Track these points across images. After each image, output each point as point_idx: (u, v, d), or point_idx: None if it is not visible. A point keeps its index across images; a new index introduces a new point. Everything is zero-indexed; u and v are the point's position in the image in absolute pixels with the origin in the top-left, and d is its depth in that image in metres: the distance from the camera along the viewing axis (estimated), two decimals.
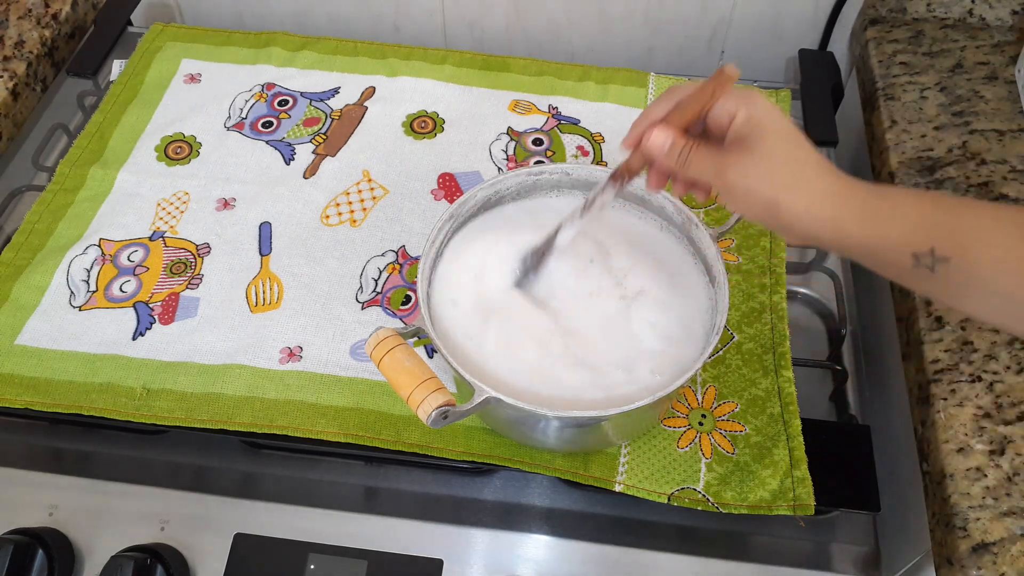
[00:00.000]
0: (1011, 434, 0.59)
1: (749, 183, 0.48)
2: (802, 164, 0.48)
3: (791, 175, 0.47)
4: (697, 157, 0.50)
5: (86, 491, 0.64)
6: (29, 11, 0.91)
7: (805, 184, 0.47)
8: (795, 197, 0.47)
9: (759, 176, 0.48)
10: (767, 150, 0.48)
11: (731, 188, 0.49)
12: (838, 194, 0.47)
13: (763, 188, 0.47)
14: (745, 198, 0.48)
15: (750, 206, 0.49)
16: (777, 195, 0.47)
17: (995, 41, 0.85)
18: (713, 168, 0.49)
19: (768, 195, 0.47)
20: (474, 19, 1.00)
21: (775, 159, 0.48)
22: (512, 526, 0.63)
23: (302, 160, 0.82)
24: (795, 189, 0.47)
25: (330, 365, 0.67)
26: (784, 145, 0.48)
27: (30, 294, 0.72)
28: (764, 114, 0.49)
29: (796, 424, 0.63)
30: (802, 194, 0.47)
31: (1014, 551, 0.54)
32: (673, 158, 0.50)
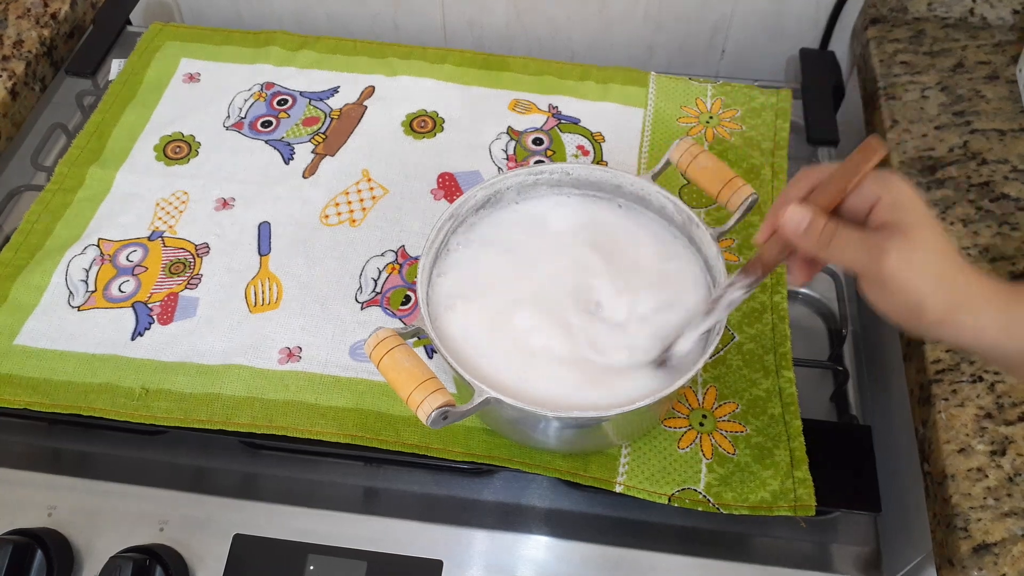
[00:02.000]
0: (1012, 434, 0.59)
1: (906, 277, 0.43)
2: (950, 261, 0.44)
3: (941, 274, 0.43)
4: (842, 239, 0.44)
5: (85, 492, 0.64)
6: (28, 10, 0.91)
7: (951, 285, 0.43)
8: (940, 299, 0.43)
9: (916, 270, 0.43)
10: (920, 241, 0.43)
11: (885, 277, 0.43)
12: (981, 298, 0.43)
13: (916, 284, 0.43)
14: (899, 293, 0.43)
15: (898, 303, 0.44)
16: (925, 295, 0.43)
17: (996, 41, 0.85)
18: (865, 252, 0.44)
19: (918, 294, 0.43)
20: (474, 18, 1.00)
21: (928, 253, 0.43)
22: (512, 527, 0.62)
23: (301, 160, 0.81)
24: (941, 290, 0.43)
25: (329, 365, 0.67)
26: (933, 237, 0.43)
27: (29, 294, 0.71)
28: (911, 200, 0.44)
29: (797, 424, 0.63)
30: (947, 297, 0.43)
31: (1015, 552, 0.54)
32: (813, 238, 0.45)
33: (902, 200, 0.44)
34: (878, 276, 0.43)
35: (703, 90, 0.87)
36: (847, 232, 0.44)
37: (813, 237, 0.45)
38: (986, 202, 0.72)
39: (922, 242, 0.43)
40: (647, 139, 0.83)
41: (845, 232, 0.44)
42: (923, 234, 0.43)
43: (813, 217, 0.45)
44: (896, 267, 0.43)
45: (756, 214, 0.76)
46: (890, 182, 0.45)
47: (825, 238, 0.45)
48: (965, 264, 0.44)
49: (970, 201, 0.72)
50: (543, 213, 0.65)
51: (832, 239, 0.45)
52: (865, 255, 0.44)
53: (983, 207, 0.71)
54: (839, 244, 0.44)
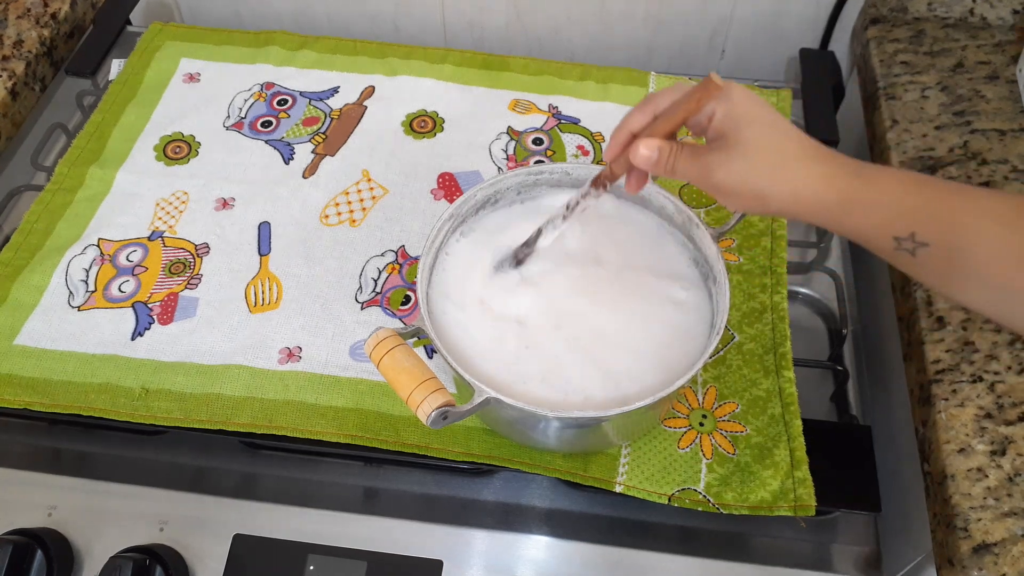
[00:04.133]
0: (1012, 434, 0.59)
1: (734, 179, 0.48)
2: (783, 151, 0.48)
3: (773, 164, 0.48)
4: (683, 162, 0.50)
5: (85, 491, 0.64)
6: (28, 10, 0.91)
7: (788, 171, 0.48)
8: (779, 185, 0.48)
9: (743, 170, 0.48)
10: (748, 142, 0.48)
11: (719, 187, 0.49)
12: (822, 177, 0.47)
13: (748, 181, 0.48)
14: (734, 195, 0.49)
15: (740, 201, 0.50)
16: (762, 186, 0.48)
17: (996, 40, 0.85)
18: (699, 171, 0.50)
19: (754, 187, 0.48)
20: (474, 18, 1.00)
21: (756, 150, 0.48)
22: (512, 527, 0.62)
23: (301, 160, 0.81)
24: (779, 177, 0.48)
25: (329, 365, 0.67)
26: (764, 134, 0.48)
27: (29, 294, 0.71)
28: (741, 106, 0.49)
29: (797, 424, 0.63)
30: (786, 181, 0.48)
31: (1015, 552, 0.54)
32: (661, 166, 0.51)
33: (732, 110, 0.49)
34: (712, 188, 0.50)
35: None
36: (683, 157, 0.50)
37: (661, 165, 0.51)
38: None
39: (747, 148, 0.48)
40: None
41: (682, 157, 0.50)
42: (748, 139, 0.48)
43: (660, 149, 0.51)
44: (721, 178, 0.49)
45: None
46: (725, 94, 0.49)
47: (669, 165, 0.51)
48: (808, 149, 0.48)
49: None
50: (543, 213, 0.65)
51: (675, 163, 0.50)
52: (699, 175, 0.50)
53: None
54: (679, 167, 0.50)
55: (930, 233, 0.45)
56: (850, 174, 0.47)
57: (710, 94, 0.49)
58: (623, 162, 0.53)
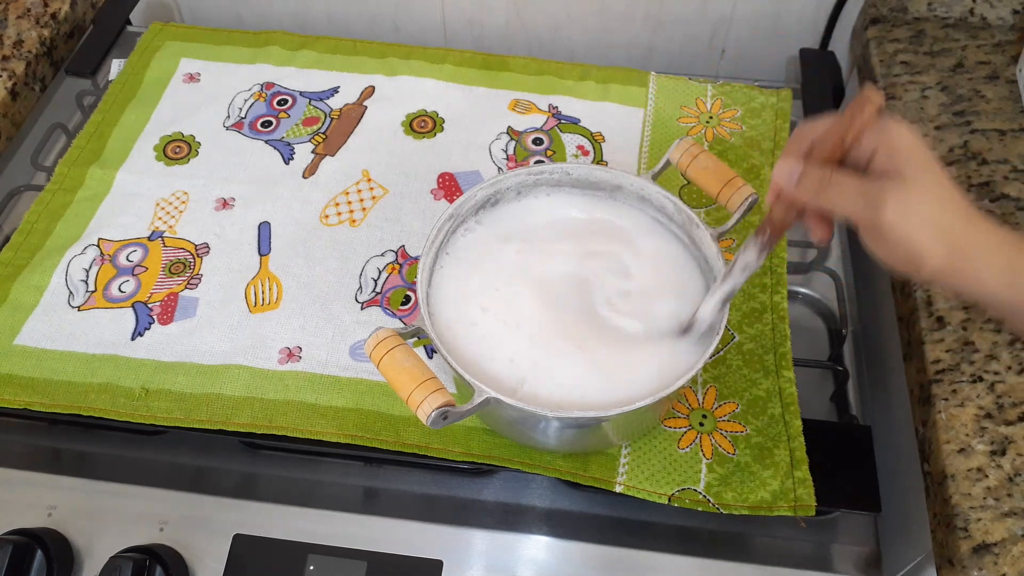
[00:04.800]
0: (1012, 434, 0.59)
1: (904, 228, 0.42)
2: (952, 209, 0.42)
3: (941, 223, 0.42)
4: (838, 188, 0.43)
5: (85, 492, 0.64)
6: (28, 10, 0.91)
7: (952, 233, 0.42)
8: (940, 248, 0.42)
9: (915, 220, 0.41)
10: (920, 189, 0.42)
11: (882, 226, 0.42)
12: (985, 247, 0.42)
13: (914, 234, 0.41)
14: (897, 244, 0.42)
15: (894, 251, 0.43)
16: (924, 245, 0.42)
17: (996, 40, 0.85)
18: (863, 201, 0.43)
19: (917, 245, 0.42)
20: (474, 18, 1.00)
21: (928, 203, 0.42)
22: (512, 527, 0.62)
23: (301, 160, 0.81)
24: (942, 239, 0.42)
25: (329, 365, 0.67)
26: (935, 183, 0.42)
27: (29, 294, 0.71)
28: (911, 146, 0.43)
29: (797, 424, 0.63)
30: (949, 245, 0.42)
31: (1015, 552, 0.54)
32: (807, 189, 0.44)
33: (901, 146, 0.43)
34: (876, 226, 0.42)
35: (703, 90, 0.87)
36: (842, 180, 0.44)
37: (807, 187, 0.44)
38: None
39: (920, 190, 0.42)
40: (647, 139, 0.83)
41: (840, 180, 0.44)
42: (922, 182, 0.42)
43: (804, 167, 0.44)
44: (893, 217, 0.42)
45: (756, 214, 0.75)
46: (888, 129, 0.44)
47: (821, 186, 0.44)
48: (969, 210, 0.43)
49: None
50: (543, 213, 0.65)
51: (827, 187, 0.44)
52: (862, 204, 0.43)
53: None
54: (835, 192, 0.44)
55: None
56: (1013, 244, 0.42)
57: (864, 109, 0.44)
58: (781, 204, 0.47)
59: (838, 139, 0.44)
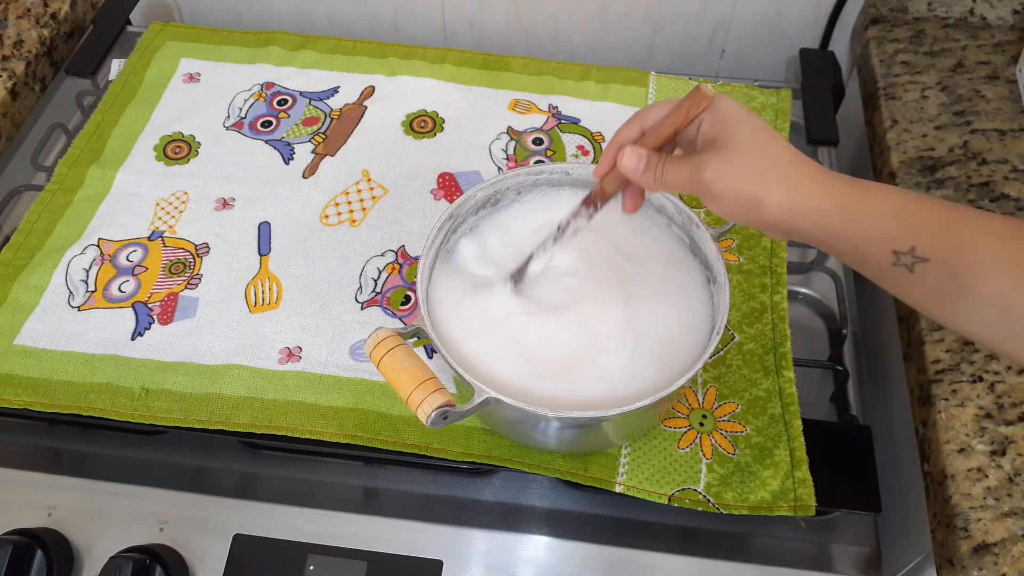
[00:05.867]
0: (1012, 434, 0.59)
1: (726, 183, 0.46)
2: (776, 157, 0.47)
3: (767, 169, 0.46)
4: (672, 169, 0.49)
5: (85, 492, 0.64)
6: (28, 10, 0.91)
7: (783, 176, 0.46)
8: (774, 191, 0.46)
9: (735, 174, 0.46)
10: (739, 146, 0.47)
11: (709, 189, 0.47)
12: (818, 184, 0.46)
13: (741, 185, 0.46)
14: (725, 198, 0.47)
15: (731, 206, 0.47)
16: (755, 191, 0.46)
17: (996, 40, 0.85)
18: (688, 175, 0.48)
19: (747, 191, 0.46)
20: (474, 18, 1.00)
21: (749, 154, 0.47)
22: (512, 527, 0.62)
23: (301, 160, 0.81)
24: (773, 182, 0.46)
25: (329, 365, 0.67)
26: (756, 139, 0.47)
27: (29, 294, 0.71)
28: (730, 112, 0.48)
29: (797, 424, 0.63)
30: (782, 187, 0.46)
31: (1015, 552, 0.54)
32: (649, 176, 0.50)
33: (720, 117, 0.48)
34: (704, 191, 0.47)
35: None
36: (672, 162, 0.49)
37: (649, 175, 0.50)
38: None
39: (737, 149, 0.46)
40: None
41: (671, 163, 0.49)
42: (738, 141, 0.47)
43: (648, 157, 0.49)
44: (713, 178, 0.47)
45: None
46: (713, 104, 0.48)
47: (658, 174, 0.49)
48: (798, 157, 0.47)
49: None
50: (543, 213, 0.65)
51: (663, 172, 0.49)
52: (688, 177, 0.48)
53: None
54: (668, 174, 0.49)
55: (931, 248, 0.43)
56: (847, 183, 0.46)
57: (699, 104, 0.48)
58: (614, 178, 0.52)
59: (671, 129, 0.49)
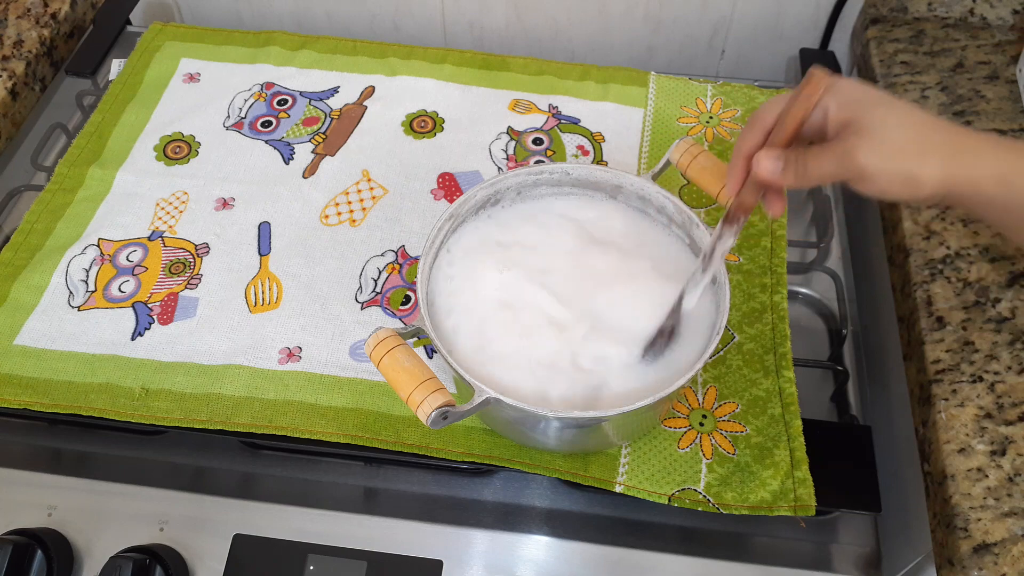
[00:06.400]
0: (1012, 434, 0.59)
1: (882, 163, 0.45)
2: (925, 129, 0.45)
3: (920, 144, 0.45)
4: (815, 162, 0.47)
5: (85, 491, 0.64)
6: (28, 10, 0.91)
7: (936, 149, 0.45)
8: (930, 165, 0.45)
9: (889, 153, 0.45)
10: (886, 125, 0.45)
11: (863, 173, 0.45)
12: (972, 152, 0.45)
13: (897, 164, 0.45)
14: (880, 179, 0.45)
15: (887, 186, 0.46)
16: (911, 168, 0.45)
17: (996, 40, 0.85)
18: (837, 163, 0.46)
19: (904, 170, 0.45)
20: (474, 18, 1.00)
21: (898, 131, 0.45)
22: (512, 527, 0.62)
23: (301, 160, 0.81)
24: (928, 157, 0.45)
25: (329, 365, 0.67)
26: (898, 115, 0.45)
27: (29, 294, 0.71)
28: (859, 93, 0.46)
29: (797, 424, 0.63)
30: (937, 161, 0.45)
31: (1015, 552, 0.54)
32: (791, 173, 0.47)
33: (848, 98, 0.46)
34: (859, 175, 0.46)
35: (703, 90, 0.87)
36: (814, 154, 0.47)
37: (791, 174, 0.47)
38: None
39: (882, 125, 0.45)
40: (647, 139, 0.83)
41: (812, 156, 0.47)
42: (880, 117, 0.45)
43: (785, 156, 0.47)
44: (868, 160, 0.45)
45: (756, 214, 0.76)
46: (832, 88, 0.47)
47: (800, 170, 0.47)
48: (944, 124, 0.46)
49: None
50: (543, 213, 0.65)
51: (806, 167, 0.47)
52: (837, 164, 0.46)
53: None
54: (812, 168, 0.47)
55: None
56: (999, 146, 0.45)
57: (817, 89, 0.46)
58: (750, 188, 0.50)
59: (795, 122, 0.47)
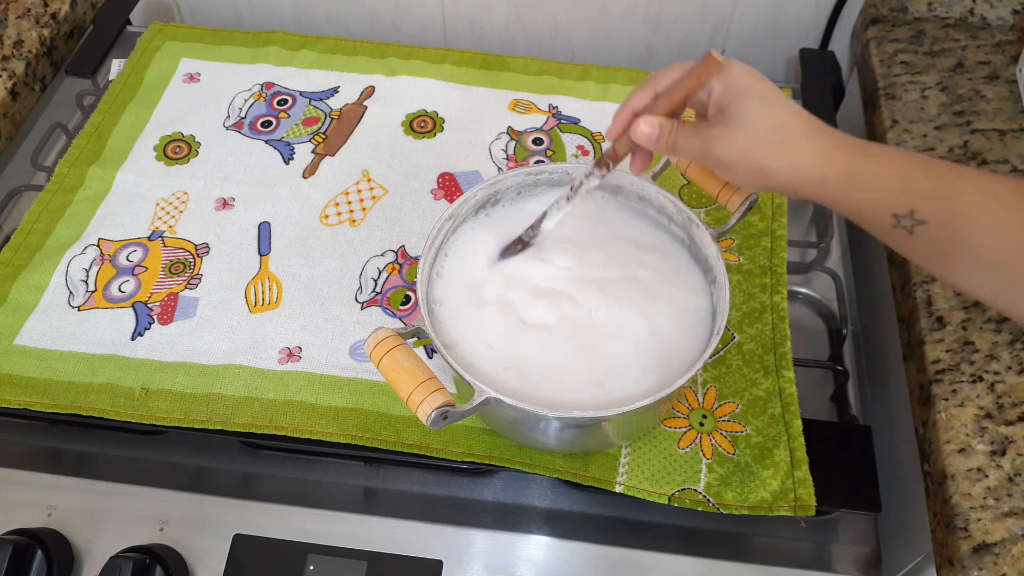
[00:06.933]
0: (1012, 434, 0.59)
1: (736, 152, 0.49)
2: (784, 125, 0.48)
3: (775, 138, 0.48)
4: (684, 138, 0.51)
5: (85, 492, 0.64)
6: (28, 10, 0.91)
7: (790, 146, 0.48)
8: (781, 160, 0.48)
9: (744, 144, 0.48)
10: (747, 116, 0.48)
11: (720, 160, 0.49)
12: (824, 152, 0.47)
13: (749, 155, 0.48)
14: (734, 168, 0.49)
15: (740, 175, 0.50)
16: (763, 160, 0.48)
17: (996, 40, 0.85)
18: (700, 145, 0.50)
19: (755, 161, 0.48)
20: (474, 18, 1.00)
21: (758, 124, 0.48)
22: (512, 527, 0.62)
23: (301, 160, 0.81)
24: (780, 152, 0.48)
25: (329, 365, 0.67)
26: (765, 109, 0.49)
27: (29, 294, 0.71)
28: (741, 81, 0.49)
29: (797, 424, 0.63)
30: (788, 156, 0.48)
31: (1015, 552, 0.54)
32: (662, 143, 0.51)
33: (730, 87, 0.49)
34: (715, 161, 0.50)
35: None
36: (684, 132, 0.51)
37: (662, 142, 0.52)
38: None
39: (745, 122, 0.48)
40: None
41: (683, 132, 0.51)
42: (746, 114, 0.48)
43: (661, 126, 0.51)
44: (722, 150, 0.49)
45: (756, 214, 0.76)
46: (723, 72, 0.50)
47: (671, 142, 0.51)
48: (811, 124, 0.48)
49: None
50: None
51: (675, 140, 0.51)
52: (698, 148, 0.50)
53: None
54: (680, 143, 0.51)
55: (929, 211, 0.45)
56: (852, 149, 0.47)
57: (710, 71, 0.49)
58: (626, 142, 0.54)
59: (682, 96, 0.51)
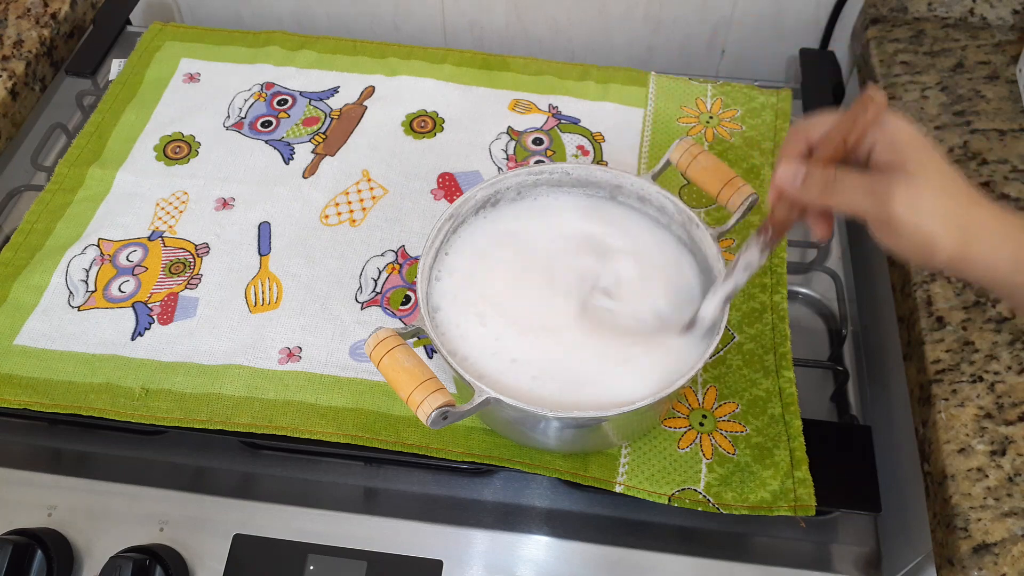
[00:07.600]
0: (1012, 434, 0.59)
1: (914, 217, 0.42)
2: (958, 196, 0.43)
3: (952, 210, 0.43)
4: (846, 185, 0.44)
5: (85, 492, 0.64)
6: (28, 10, 0.91)
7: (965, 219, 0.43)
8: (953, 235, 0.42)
9: (927, 209, 0.42)
10: (930, 179, 0.42)
11: (892, 219, 0.43)
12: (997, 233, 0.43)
13: (925, 223, 0.42)
14: (905, 233, 0.43)
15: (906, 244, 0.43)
16: (936, 232, 0.42)
17: (996, 40, 0.85)
18: (872, 197, 0.43)
19: (929, 232, 0.42)
20: (474, 18, 1.00)
21: (938, 190, 0.43)
22: (512, 527, 0.62)
23: (301, 160, 0.81)
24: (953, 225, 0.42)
25: (329, 365, 0.67)
26: (941, 172, 0.43)
27: (29, 294, 0.71)
28: (910, 136, 0.44)
29: (797, 424, 0.63)
30: (960, 232, 0.43)
31: (1015, 552, 0.54)
32: (812, 189, 0.45)
33: (901, 139, 0.44)
34: (887, 220, 0.43)
35: (703, 90, 0.87)
36: (848, 178, 0.44)
37: (812, 188, 0.45)
38: None
39: (926, 181, 0.42)
40: (647, 139, 0.83)
41: (846, 178, 0.44)
42: (927, 172, 0.43)
43: (808, 169, 0.45)
44: (903, 210, 0.42)
45: (756, 214, 0.75)
46: (887, 122, 0.44)
47: (826, 187, 0.44)
48: (975, 195, 0.44)
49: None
50: (543, 213, 0.65)
51: (832, 187, 0.44)
52: (869, 200, 0.43)
53: None
54: (841, 191, 0.44)
55: None
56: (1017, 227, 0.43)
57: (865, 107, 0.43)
58: (783, 204, 0.48)
59: (840, 140, 0.44)
